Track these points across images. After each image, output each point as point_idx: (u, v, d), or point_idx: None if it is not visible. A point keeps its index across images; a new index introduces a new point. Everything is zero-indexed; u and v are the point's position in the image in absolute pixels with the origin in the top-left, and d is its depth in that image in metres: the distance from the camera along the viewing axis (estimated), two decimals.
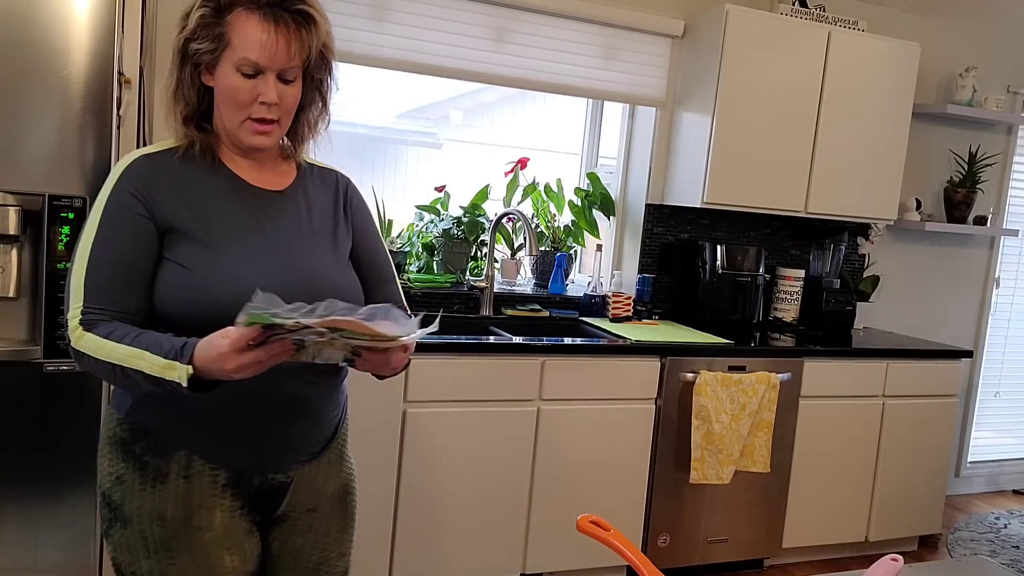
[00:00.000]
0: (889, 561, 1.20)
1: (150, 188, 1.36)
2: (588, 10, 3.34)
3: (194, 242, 1.35)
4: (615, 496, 3.04)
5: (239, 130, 1.39)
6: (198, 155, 1.42)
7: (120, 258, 1.33)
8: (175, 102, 1.40)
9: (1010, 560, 3.67)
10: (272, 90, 1.36)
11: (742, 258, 3.56)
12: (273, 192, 1.47)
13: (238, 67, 1.34)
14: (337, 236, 1.51)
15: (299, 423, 1.44)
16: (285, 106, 1.39)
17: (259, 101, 1.36)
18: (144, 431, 1.38)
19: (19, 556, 2.16)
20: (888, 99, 3.60)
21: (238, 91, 1.35)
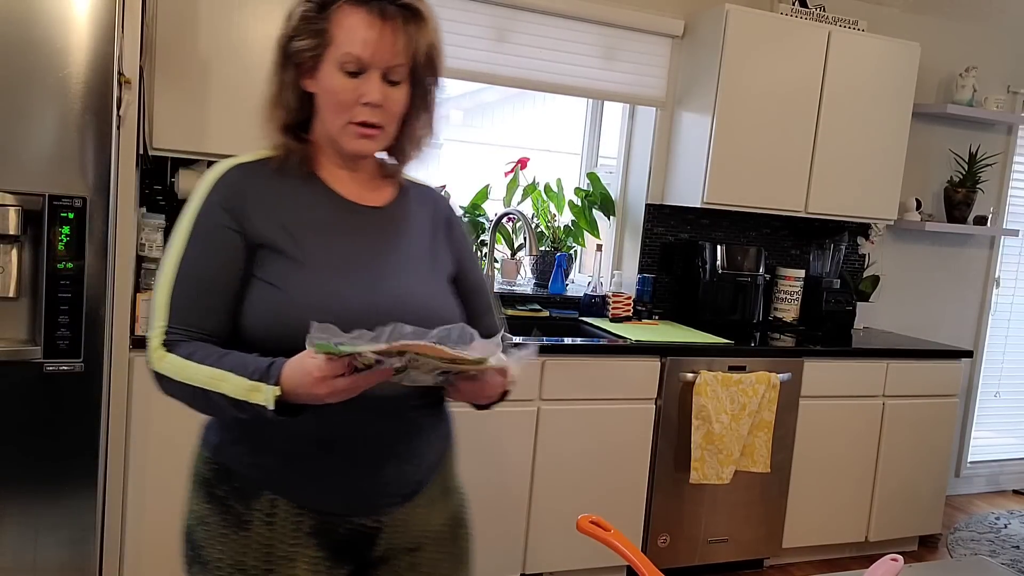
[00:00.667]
0: (889, 561, 1.20)
1: (241, 200, 1.27)
2: (588, 10, 3.34)
3: (285, 259, 1.25)
4: (615, 496, 3.04)
5: (341, 135, 1.28)
6: (294, 167, 1.32)
7: (206, 275, 1.25)
8: (274, 109, 1.31)
9: (1010, 560, 3.67)
10: (376, 90, 1.25)
11: (742, 258, 3.56)
12: (371, 208, 1.36)
13: (341, 65, 1.24)
14: (437, 258, 1.40)
15: (392, 465, 1.31)
16: (390, 110, 1.28)
17: (362, 102, 1.25)
18: (228, 473, 1.30)
19: (19, 556, 2.16)
20: (888, 99, 3.60)
21: (340, 91, 1.25)
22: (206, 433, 1.36)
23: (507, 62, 3.28)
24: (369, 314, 1.17)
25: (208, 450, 1.34)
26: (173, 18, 2.53)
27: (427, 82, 1.32)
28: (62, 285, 2.09)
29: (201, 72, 2.57)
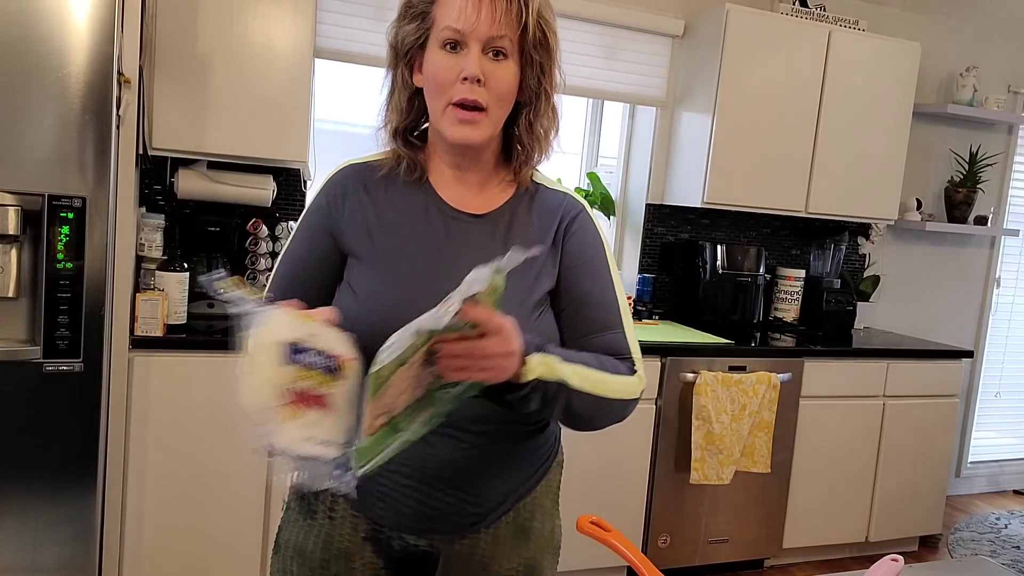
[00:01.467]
0: (889, 561, 1.20)
1: (343, 201, 1.24)
2: (588, 10, 3.34)
3: (367, 265, 1.21)
4: (615, 496, 3.04)
5: (442, 121, 1.18)
6: (404, 173, 1.25)
7: (297, 271, 1.26)
8: (387, 111, 1.25)
9: (1011, 560, 3.66)
10: (475, 62, 1.14)
11: (742, 258, 3.56)
12: (470, 215, 1.25)
13: (441, 43, 1.16)
14: (535, 273, 1.23)
15: (446, 493, 1.21)
16: (494, 88, 1.16)
17: (461, 77, 1.14)
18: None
19: (19, 555, 2.15)
20: (889, 99, 3.59)
21: (439, 69, 1.16)
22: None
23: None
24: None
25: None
26: (173, 18, 2.53)
27: (540, 62, 1.21)
28: (61, 285, 2.09)
29: (201, 72, 2.57)
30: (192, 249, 2.84)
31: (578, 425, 1.19)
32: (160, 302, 2.47)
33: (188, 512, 2.56)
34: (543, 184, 1.33)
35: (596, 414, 1.17)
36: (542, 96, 1.23)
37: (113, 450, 2.41)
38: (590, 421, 1.18)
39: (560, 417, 1.15)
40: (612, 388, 1.17)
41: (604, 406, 1.17)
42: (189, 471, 2.53)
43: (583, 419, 1.17)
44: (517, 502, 1.28)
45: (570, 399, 1.11)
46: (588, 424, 1.19)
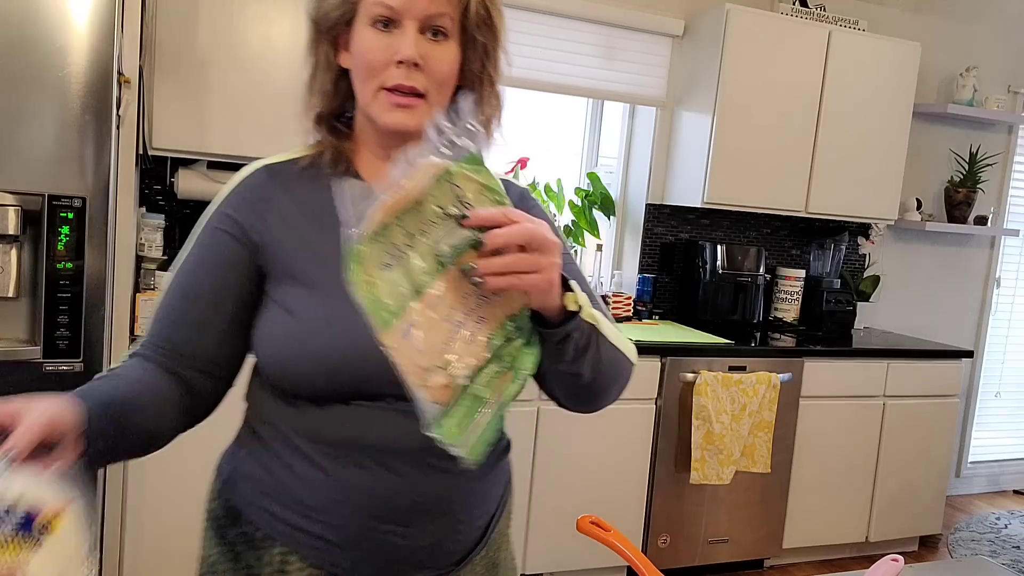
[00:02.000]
0: (890, 561, 1.20)
1: (258, 209, 1.08)
2: (588, 10, 3.34)
3: (299, 279, 1.05)
4: (615, 496, 3.04)
5: (373, 106, 1.04)
6: (328, 165, 1.10)
7: (195, 286, 1.08)
8: (309, 95, 1.10)
9: (1011, 560, 3.66)
10: (411, 44, 1.01)
11: (742, 258, 3.56)
12: None
13: (372, 20, 1.02)
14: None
15: (427, 530, 1.07)
16: (433, 72, 1.03)
17: (395, 60, 1.01)
18: (237, 514, 1.11)
19: None
20: (889, 99, 3.59)
21: (370, 50, 1.02)
22: (221, 461, 1.18)
23: (507, 62, 3.27)
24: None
25: (220, 482, 1.16)
26: (172, 18, 2.53)
27: (485, 43, 1.09)
28: (61, 285, 2.09)
29: (200, 72, 2.57)
30: None
31: (597, 390, 1.06)
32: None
33: (188, 512, 2.55)
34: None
35: (615, 373, 1.07)
36: (485, 81, 1.11)
37: None
38: (609, 384, 1.07)
39: (588, 373, 1.01)
40: (626, 344, 1.09)
41: (620, 365, 1.07)
42: (189, 471, 2.53)
43: (606, 379, 1.05)
44: (488, 534, 1.16)
45: (599, 349, 1.00)
46: (607, 388, 1.07)
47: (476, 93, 1.09)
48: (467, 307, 0.88)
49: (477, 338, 0.88)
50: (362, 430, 1.02)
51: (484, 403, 0.89)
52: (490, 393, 0.89)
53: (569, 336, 0.95)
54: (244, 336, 1.08)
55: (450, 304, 0.87)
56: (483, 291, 0.88)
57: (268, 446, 1.08)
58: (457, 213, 0.84)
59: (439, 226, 0.85)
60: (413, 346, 0.85)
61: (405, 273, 0.85)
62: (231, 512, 1.12)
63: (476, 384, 0.88)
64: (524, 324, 0.92)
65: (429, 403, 0.85)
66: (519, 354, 0.92)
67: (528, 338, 0.93)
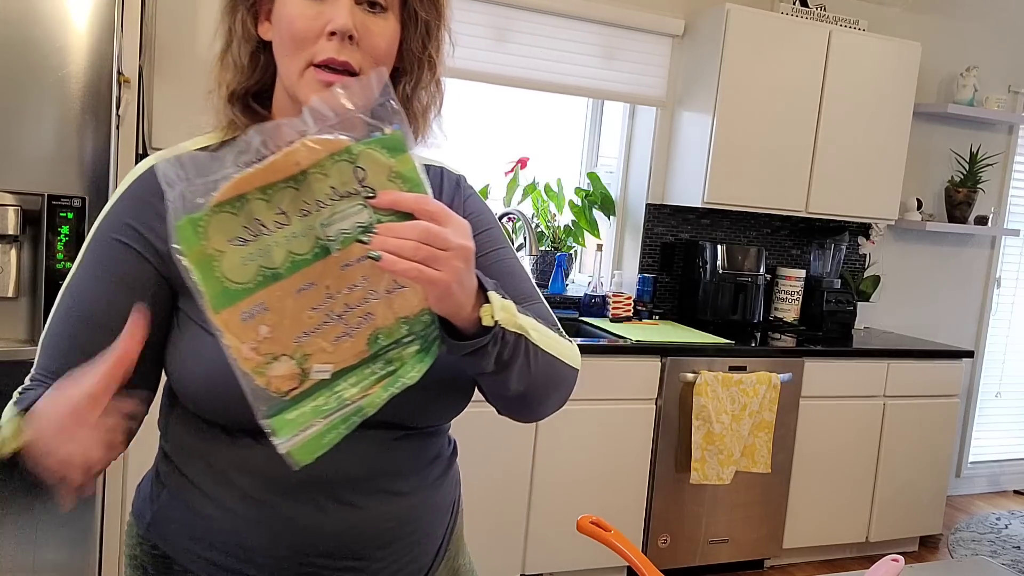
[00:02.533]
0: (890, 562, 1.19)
1: (161, 209, 0.86)
2: (588, 9, 3.34)
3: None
4: (615, 496, 3.03)
5: (299, 84, 0.91)
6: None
7: (90, 307, 0.93)
8: (221, 69, 0.97)
9: (1011, 560, 3.66)
10: (346, 12, 0.88)
11: (742, 258, 3.56)
12: None
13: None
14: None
15: (387, 558, 0.98)
16: (369, 47, 0.91)
17: (327, 32, 0.89)
18: (168, 560, 0.99)
19: (19, 556, 2.15)
20: (889, 99, 3.59)
21: (298, 18, 0.89)
22: (136, 500, 1.05)
23: (507, 62, 3.28)
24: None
25: (141, 526, 1.02)
26: (172, 17, 2.53)
27: (428, 20, 0.96)
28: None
29: (200, 72, 2.55)
30: None
31: (530, 400, 0.95)
32: None
33: None
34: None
35: (553, 383, 0.96)
36: (425, 64, 0.98)
37: None
38: (546, 394, 0.96)
39: (516, 385, 0.91)
40: (565, 351, 0.98)
41: (559, 373, 0.96)
42: None
43: (540, 390, 0.94)
44: (451, 539, 1.09)
45: (529, 359, 0.90)
46: (542, 399, 0.97)
47: (414, 76, 0.98)
48: (352, 300, 0.78)
49: (356, 334, 0.79)
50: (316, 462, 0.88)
51: (342, 404, 0.80)
52: (355, 394, 0.80)
53: (483, 349, 0.84)
54: (156, 360, 0.94)
55: (327, 294, 0.78)
56: (373, 285, 0.78)
57: (195, 484, 0.96)
58: (357, 192, 0.76)
59: (328, 208, 0.76)
60: (254, 329, 0.76)
61: (264, 252, 0.76)
62: (161, 560, 0.99)
63: (342, 382, 0.80)
64: (422, 329, 0.82)
65: (262, 389, 0.77)
66: (407, 361, 0.82)
67: (426, 346, 0.83)
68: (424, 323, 0.82)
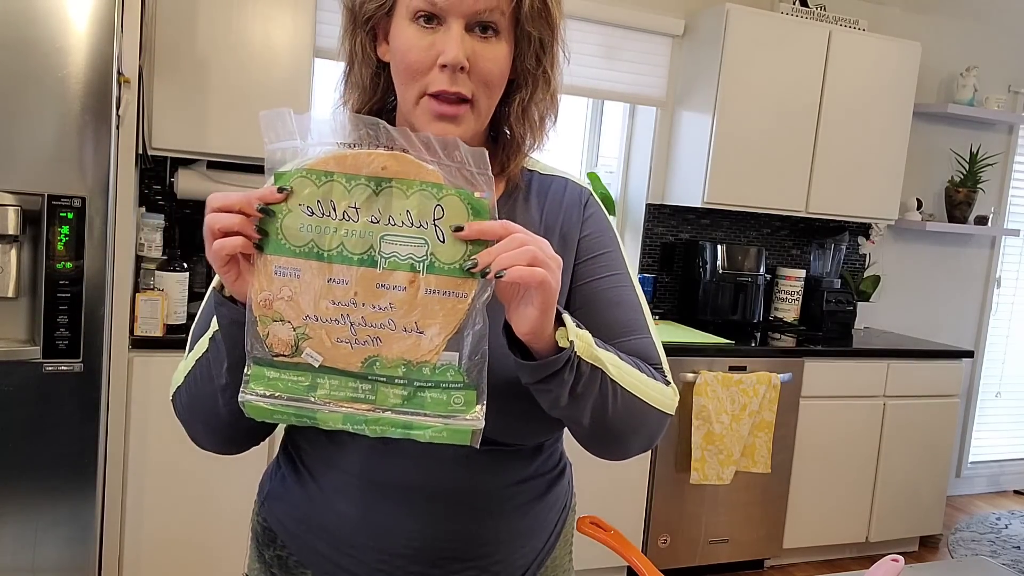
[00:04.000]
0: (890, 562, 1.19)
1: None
2: (588, 10, 3.34)
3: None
4: (615, 496, 3.03)
5: (414, 112, 0.93)
6: None
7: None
8: (347, 89, 1.00)
9: (1011, 561, 3.66)
10: (456, 45, 0.89)
11: (742, 258, 3.56)
12: None
13: (413, 14, 0.91)
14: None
15: (462, 572, 1.00)
16: (481, 74, 0.92)
17: (439, 64, 0.90)
18: (273, 535, 1.07)
19: (19, 556, 2.15)
20: (889, 99, 3.59)
21: (411, 49, 0.91)
22: (264, 475, 1.14)
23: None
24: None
25: (260, 499, 1.12)
26: (172, 18, 2.53)
27: (540, 38, 0.96)
28: (61, 285, 2.09)
29: (200, 72, 2.56)
30: (192, 249, 2.84)
31: (608, 439, 0.94)
32: (160, 302, 2.47)
33: (188, 512, 2.56)
34: (536, 170, 1.08)
35: (633, 423, 0.93)
36: (540, 78, 0.99)
37: (113, 450, 2.41)
38: (625, 433, 0.93)
39: (590, 421, 0.89)
40: (650, 393, 0.94)
41: (641, 414, 0.93)
42: (189, 471, 2.53)
43: (617, 428, 0.92)
44: (538, 568, 1.07)
45: (606, 394, 0.88)
46: (622, 438, 0.94)
47: (529, 90, 0.98)
48: (371, 318, 0.79)
49: (357, 349, 0.79)
50: (400, 468, 0.97)
51: (307, 396, 0.80)
52: (322, 397, 0.80)
53: (558, 376, 0.83)
54: None
55: (353, 298, 0.79)
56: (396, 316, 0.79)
57: (305, 471, 1.04)
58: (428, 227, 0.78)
59: (396, 228, 0.78)
60: (278, 286, 0.79)
61: (321, 231, 0.79)
62: (267, 532, 1.08)
63: (323, 378, 0.80)
64: (417, 379, 0.80)
65: (260, 338, 0.80)
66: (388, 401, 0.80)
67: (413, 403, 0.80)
68: (423, 373, 0.80)
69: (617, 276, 1.04)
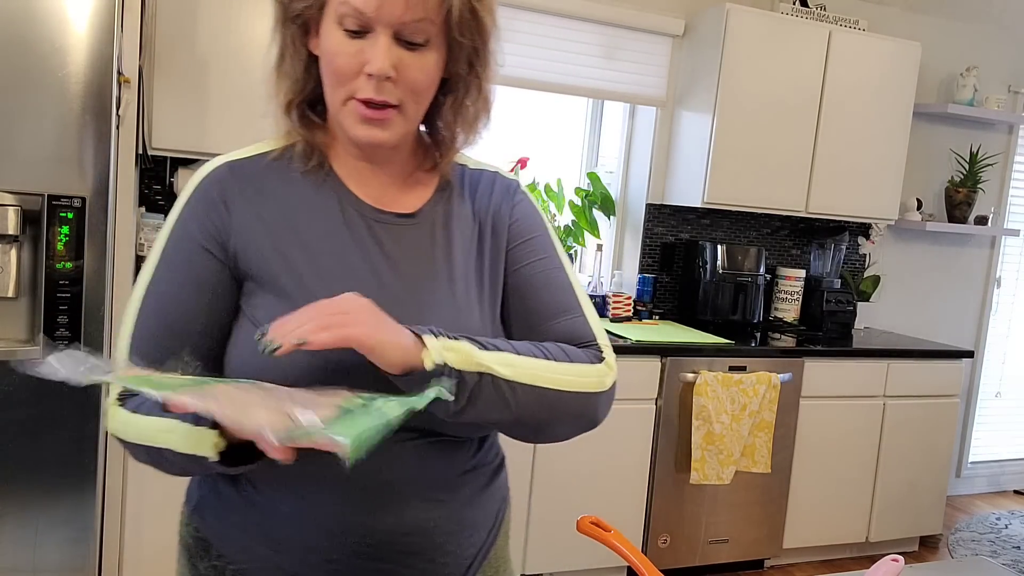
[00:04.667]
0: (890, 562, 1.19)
1: (225, 212, 0.97)
2: (588, 9, 3.34)
3: (275, 292, 0.95)
4: (615, 496, 3.03)
5: (342, 113, 0.95)
6: (298, 160, 1.00)
7: (173, 310, 0.96)
8: (277, 79, 1.00)
9: (1011, 560, 3.66)
10: (382, 55, 0.90)
11: (742, 258, 3.56)
12: (398, 216, 1.01)
13: (339, 20, 0.91)
14: (483, 275, 1.04)
15: (411, 564, 0.98)
16: (408, 83, 0.93)
17: (365, 72, 0.91)
18: (206, 545, 1.04)
19: (19, 556, 2.15)
20: (889, 99, 3.59)
21: (338, 55, 0.92)
22: (190, 486, 1.10)
23: (507, 62, 3.26)
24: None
25: (189, 509, 1.08)
26: (172, 18, 2.53)
27: (472, 42, 0.96)
28: (61, 285, 2.09)
29: (200, 72, 2.56)
30: None
31: (526, 431, 0.97)
32: None
33: None
34: (467, 165, 1.10)
35: (543, 414, 0.95)
36: (472, 82, 0.99)
37: (113, 450, 2.41)
38: (541, 423, 0.96)
39: (498, 420, 0.92)
40: (562, 378, 0.95)
41: (556, 403, 0.95)
42: None
43: (528, 421, 0.94)
44: (483, 560, 1.08)
45: (502, 394, 0.90)
46: (540, 427, 0.97)
47: (460, 94, 1.00)
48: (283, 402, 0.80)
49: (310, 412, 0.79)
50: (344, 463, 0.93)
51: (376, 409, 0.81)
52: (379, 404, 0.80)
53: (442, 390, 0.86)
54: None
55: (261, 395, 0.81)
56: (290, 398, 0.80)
57: (241, 475, 0.98)
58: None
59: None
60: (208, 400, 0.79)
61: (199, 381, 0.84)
62: (200, 540, 1.04)
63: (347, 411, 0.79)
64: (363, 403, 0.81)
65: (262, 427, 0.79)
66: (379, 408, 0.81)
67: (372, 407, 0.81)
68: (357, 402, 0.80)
69: (546, 259, 1.07)
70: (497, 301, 1.04)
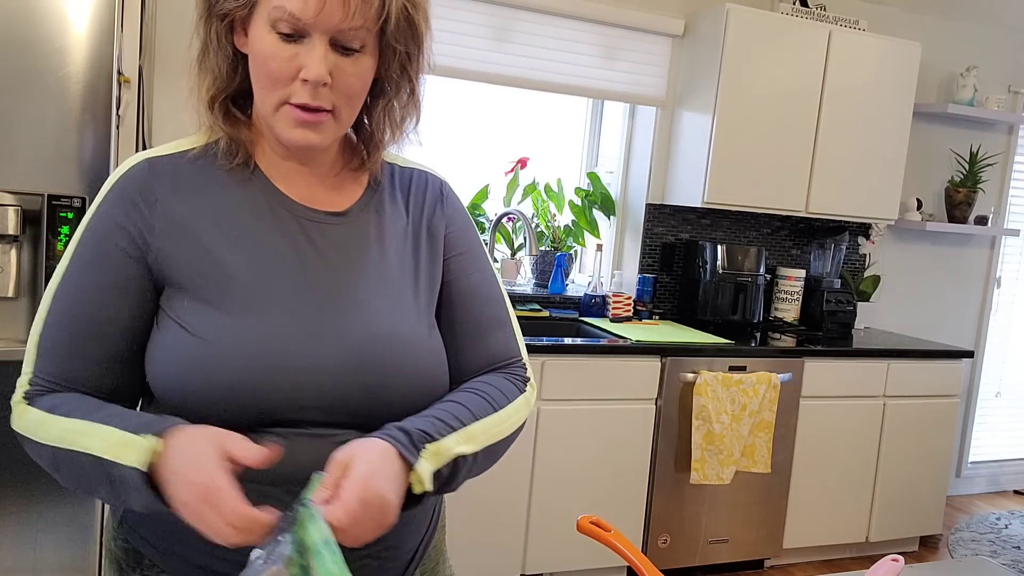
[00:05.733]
0: (890, 562, 1.19)
1: (146, 211, 0.94)
2: (588, 9, 3.34)
3: (204, 294, 0.93)
4: (615, 496, 3.04)
5: (274, 118, 0.94)
6: (222, 157, 0.98)
7: (87, 312, 0.93)
8: (199, 74, 0.97)
9: (1011, 561, 3.66)
10: (319, 62, 0.89)
11: (742, 258, 3.56)
12: (329, 215, 1.00)
13: (273, 23, 0.90)
14: (419, 275, 1.04)
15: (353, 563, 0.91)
16: (344, 89, 0.93)
17: (300, 79, 0.91)
18: (140, 556, 1.00)
19: (19, 556, 2.15)
20: (889, 99, 3.59)
21: (272, 59, 0.90)
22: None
23: (507, 62, 3.28)
24: (322, 368, 0.91)
25: (116, 521, 1.04)
26: (172, 18, 2.53)
27: (406, 48, 0.97)
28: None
29: None
30: None
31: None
32: None
33: None
34: (396, 163, 1.11)
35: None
36: (403, 86, 1.01)
37: None
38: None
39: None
40: (508, 424, 1.03)
41: (503, 446, 1.03)
42: None
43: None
44: (423, 554, 1.08)
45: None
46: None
47: (390, 97, 1.01)
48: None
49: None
50: (283, 462, 0.89)
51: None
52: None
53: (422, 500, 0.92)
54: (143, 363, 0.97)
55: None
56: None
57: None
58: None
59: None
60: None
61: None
62: (132, 554, 1.00)
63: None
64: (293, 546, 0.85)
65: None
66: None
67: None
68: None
69: (480, 273, 1.10)
70: (433, 303, 1.06)
